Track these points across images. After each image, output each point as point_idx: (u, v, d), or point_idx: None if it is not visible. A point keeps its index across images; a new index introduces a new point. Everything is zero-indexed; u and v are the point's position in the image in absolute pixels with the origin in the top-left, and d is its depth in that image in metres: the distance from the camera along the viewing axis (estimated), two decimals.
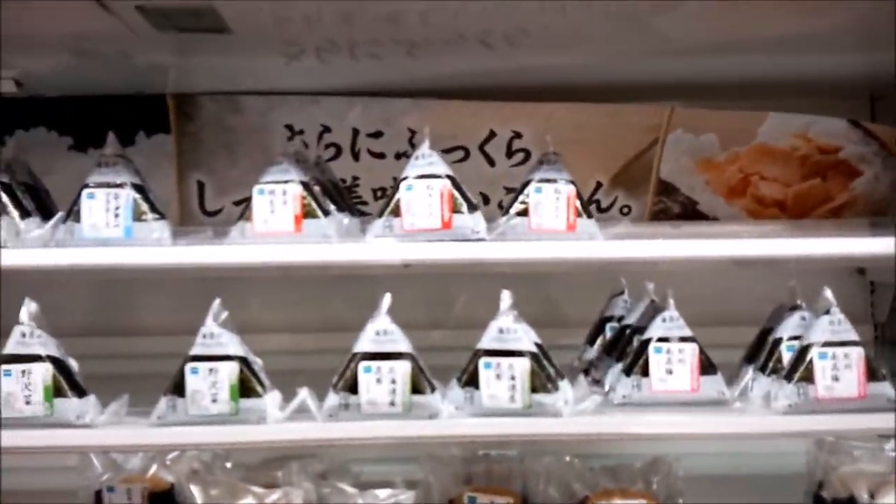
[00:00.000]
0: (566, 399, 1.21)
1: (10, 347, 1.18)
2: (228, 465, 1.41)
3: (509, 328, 1.22)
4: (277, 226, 1.26)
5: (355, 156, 1.83)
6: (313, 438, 1.19)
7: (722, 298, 1.68)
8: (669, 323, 1.26)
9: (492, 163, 1.80)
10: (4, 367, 1.17)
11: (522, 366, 1.20)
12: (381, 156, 1.82)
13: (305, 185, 1.27)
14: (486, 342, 1.22)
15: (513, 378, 1.20)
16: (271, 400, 1.21)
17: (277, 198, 1.26)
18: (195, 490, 1.23)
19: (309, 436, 1.19)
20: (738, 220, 1.81)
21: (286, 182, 1.26)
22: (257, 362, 1.23)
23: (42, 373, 1.16)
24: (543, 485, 1.29)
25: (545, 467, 1.31)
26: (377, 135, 1.82)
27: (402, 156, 1.82)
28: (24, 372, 1.16)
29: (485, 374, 1.21)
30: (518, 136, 1.80)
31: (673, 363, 1.25)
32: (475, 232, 1.21)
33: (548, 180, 1.28)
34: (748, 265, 1.65)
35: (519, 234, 1.25)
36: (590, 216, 1.26)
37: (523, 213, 1.27)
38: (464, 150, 1.79)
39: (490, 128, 1.79)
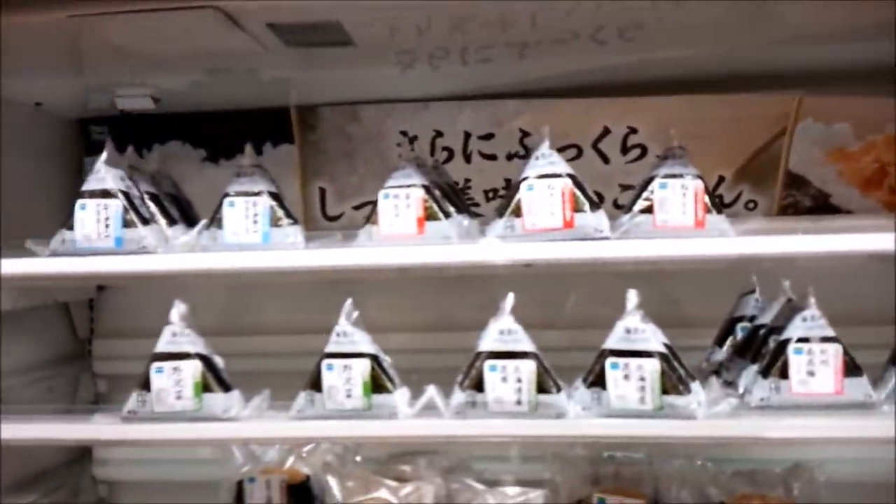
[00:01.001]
0: (699, 401, 1.17)
1: (162, 346, 1.27)
2: (358, 458, 1.46)
3: (637, 328, 1.19)
4: (402, 228, 1.29)
5: (467, 158, 1.85)
6: (443, 435, 1.22)
7: (863, 296, 1.57)
8: (810, 322, 1.20)
9: (606, 160, 1.77)
10: (156, 364, 1.26)
11: (652, 366, 1.17)
12: (492, 157, 1.84)
13: (427, 189, 1.30)
14: (612, 342, 1.20)
15: (642, 379, 1.17)
16: (401, 396, 1.25)
17: (401, 201, 1.30)
18: (332, 482, 1.29)
19: (439, 432, 1.21)
20: (875, 212, 1.70)
21: (409, 186, 1.30)
22: (387, 360, 1.27)
23: (192, 369, 1.25)
24: (676, 488, 1.25)
25: (677, 470, 1.27)
26: (488, 137, 1.84)
27: (514, 156, 1.83)
28: (174, 369, 1.26)
29: (612, 375, 1.19)
30: (633, 131, 1.76)
31: (815, 364, 1.18)
32: (598, 230, 1.19)
33: (673, 175, 1.25)
34: (887, 261, 1.54)
35: (643, 231, 1.22)
36: (719, 212, 1.22)
37: (647, 209, 1.24)
38: (576, 149, 1.78)
39: (604, 124, 1.77)
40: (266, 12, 1.29)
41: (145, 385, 1.25)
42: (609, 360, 1.20)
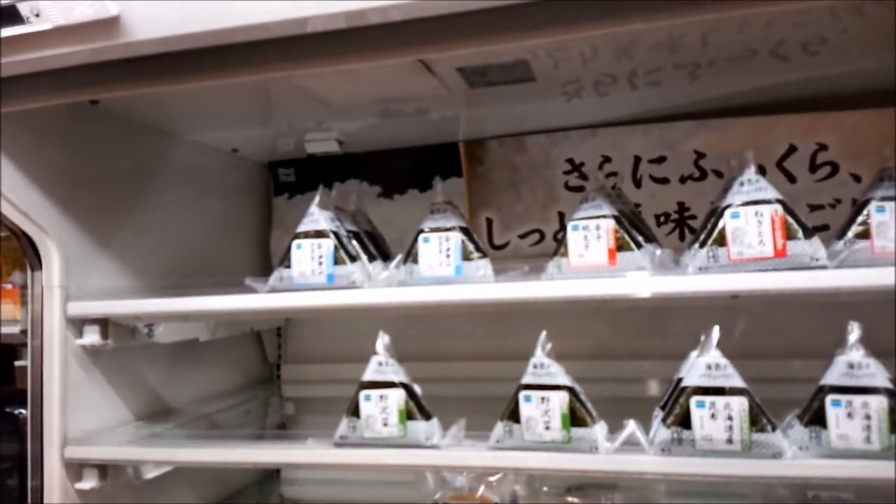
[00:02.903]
0: None
1: (369, 374, 1.35)
2: (545, 489, 1.47)
3: (860, 363, 1.12)
4: (592, 259, 1.30)
5: (636, 182, 1.83)
6: (647, 472, 1.20)
7: None
8: None
9: (792, 179, 1.69)
10: (364, 392, 1.34)
11: (878, 404, 1.10)
12: (664, 181, 1.81)
13: (617, 219, 1.30)
14: (832, 378, 1.13)
15: (867, 417, 1.10)
16: (600, 430, 1.24)
17: (591, 233, 1.31)
18: None
19: (644, 468, 1.19)
20: None
21: (599, 217, 1.30)
22: (582, 392, 1.27)
23: (397, 398, 1.32)
24: None
25: None
26: (660, 160, 1.81)
27: (688, 179, 1.79)
28: (381, 397, 1.33)
29: (833, 413, 1.12)
30: (823, 148, 1.67)
31: None
32: (814, 259, 1.14)
33: (892, 198, 1.17)
34: None
35: (861, 258, 1.15)
36: None
37: (863, 234, 1.17)
38: (760, 169, 1.70)
39: (789, 142, 1.69)
40: (459, 57, 1.35)
41: (355, 412, 1.33)
42: (830, 398, 1.13)
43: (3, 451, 1.59)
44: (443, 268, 1.36)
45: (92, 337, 1.46)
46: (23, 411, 1.53)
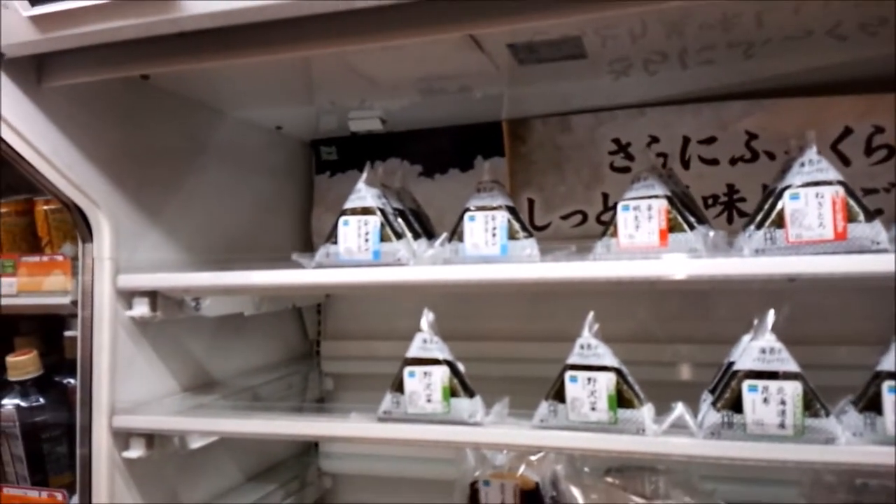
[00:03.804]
0: None
1: (413, 351, 1.35)
2: (586, 469, 1.47)
3: None
4: (643, 240, 1.28)
5: (685, 164, 1.80)
6: (694, 455, 1.18)
7: None
8: None
9: (846, 162, 1.64)
10: (408, 368, 1.34)
11: None
12: (713, 162, 1.77)
13: (670, 200, 1.28)
14: (890, 363, 1.11)
15: None
16: (647, 412, 1.23)
17: (643, 213, 1.28)
18: (575, 492, 1.30)
19: (691, 451, 1.18)
20: None
21: (651, 197, 1.28)
22: (629, 374, 1.26)
23: (441, 375, 1.32)
24: None
25: None
26: (710, 141, 1.77)
27: (739, 160, 1.75)
28: (425, 373, 1.33)
29: (889, 399, 1.10)
30: (880, 130, 1.62)
31: None
32: (875, 242, 1.10)
33: None
34: None
35: None
36: None
37: None
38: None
39: (845, 124, 1.64)
40: (509, 33, 1.33)
41: (399, 388, 1.33)
42: (886, 384, 1.10)
43: (52, 419, 1.63)
44: (488, 247, 1.35)
45: (141, 309, 1.49)
46: (72, 380, 1.57)
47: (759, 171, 1.70)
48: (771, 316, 1.16)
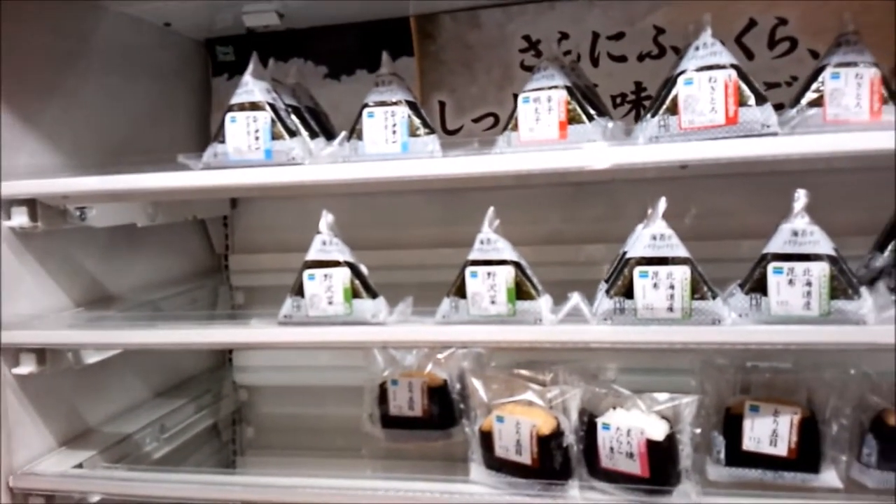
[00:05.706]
0: (869, 306, 1.10)
1: (312, 254, 1.31)
2: (493, 364, 1.49)
3: (804, 230, 1.12)
4: (543, 133, 1.26)
5: (594, 61, 1.76)
6: (590, 340, 1.21)
7: None
8: None
9: (750, 55, 1.64)
10: (308, 271, 1.30)
11: (820, 270, 1.11)
12: (621, 59, 1.74)
13: (569, 90, 1.25)
14: (776, 246, 1.14)
15: (808, 284, 1.11)
16: (545, 303, 1.24)
17: (542, 105, 1.26)
18: (477, 384, 1.32)
19: (585, 338, 1.20)
20: None
21: (551, 88, 1.25)
22: (528, 267, 1.26)
23: (342, 276, 1.29)
24: (834, 397, 1.21)
25: (839, 379, 1.22)
26: (618, 37, 1.74)
27: (646, 56, 1.72)
28: (325, 276, 1.30)
29: (775, 280, 1.13)
30: (783, 22, 1.62)
31: None
32: (765, 126, 1.11)
33: (846, 64, 1.14)
34: None
35: (813, 125, 1.14)
36: None
37: (816, 102, 1.15)
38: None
39: (749, 16, 1.63)
40: None
41: (299, 291, 1.30)
42: (772, 266, 1.14)
43: None
44: (388, 144, 1.30)
45: (20, 219, 1.39)
46: None
47: (665, 67, 1.66)
48: (663, 203, 1.17)
